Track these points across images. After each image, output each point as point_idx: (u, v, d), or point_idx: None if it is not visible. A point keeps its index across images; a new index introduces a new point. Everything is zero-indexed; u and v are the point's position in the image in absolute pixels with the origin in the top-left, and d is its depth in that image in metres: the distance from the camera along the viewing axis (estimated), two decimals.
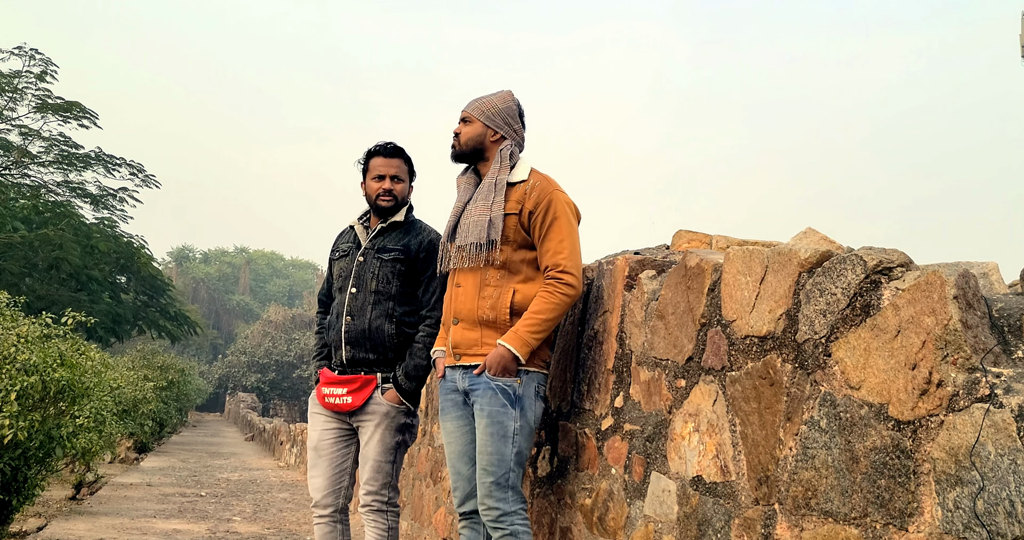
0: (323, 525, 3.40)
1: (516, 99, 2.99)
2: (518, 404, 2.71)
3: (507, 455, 2.69)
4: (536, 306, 2.72)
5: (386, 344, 3.33)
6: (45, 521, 6.98)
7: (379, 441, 3.30)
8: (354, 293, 3.38)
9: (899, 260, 1.66)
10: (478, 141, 2.93)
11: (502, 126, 2.92)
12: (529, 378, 2.75)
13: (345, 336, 3.35)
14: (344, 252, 3.51)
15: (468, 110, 2.96)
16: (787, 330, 1.89)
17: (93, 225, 21.06)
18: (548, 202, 2.77)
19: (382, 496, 3.30)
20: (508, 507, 2.68)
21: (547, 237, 2.76)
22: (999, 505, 1.33)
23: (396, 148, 3.47)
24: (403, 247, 3.39)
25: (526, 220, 2.79)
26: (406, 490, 5.46)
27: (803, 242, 2.76)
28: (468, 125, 2.95)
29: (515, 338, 2.69)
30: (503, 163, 2.88)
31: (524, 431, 2.73)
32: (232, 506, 8.53)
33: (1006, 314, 1.53)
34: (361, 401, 3.32)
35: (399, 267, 3.37)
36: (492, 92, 3.00)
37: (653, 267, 2.69)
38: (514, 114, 2.95)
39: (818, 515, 1.72)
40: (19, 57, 20.30)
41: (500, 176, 2.85)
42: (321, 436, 3.43)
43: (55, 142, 21.29)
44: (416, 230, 3.47)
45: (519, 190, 2.83)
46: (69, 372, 5.80)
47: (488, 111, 2.93)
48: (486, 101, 2.95)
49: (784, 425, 1.86)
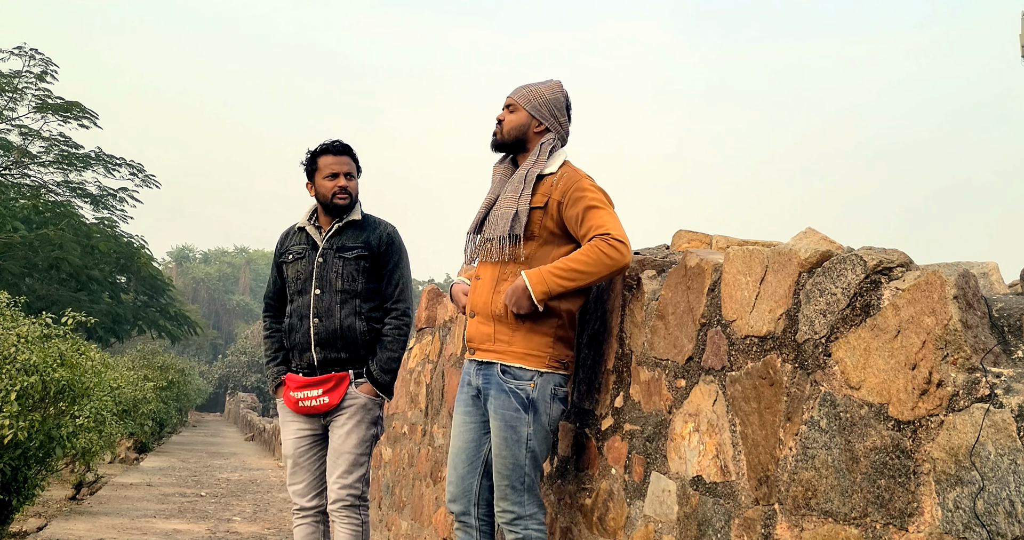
0: (306, 525, 3.40)
1: (565, 90, 2.84)
2: (531, 408, 2.63)
3: (521, 459, 2.64)
4: (572, 254, 2.57)
5: (358, 342, 3.33)
6: (45, 521, 6.99)
7: (356, 434, 3.29)
8: (319, 294, 3.34)
9: (899, 260, 1.66)
10: (521, 131, 2.79)
11: (547, 117, 2.78)
12: (544, 380, 2.65)
13: (315, 338, 3.32)
14: (299, 254, 3.45)
15: (514, 97, 2.81)
16: (787, 330, 1.89)
17: (93, 225, 21.06)
18: (576, 189, 2.64)
19: (356, 490, 3.29)
20: (523, 510, 2.64)
21: (587, 216, 2.60)
22: (999, 505, 1.33)
23: (344, 145, 3.43)
24: (364, 244, 3.37)
25: (555, 213, 2.66)
26: (406, 490, 5.46)
27: (803, 242, 2.76)
28: (513, 113, 2.80)
29: (536, 274, 2.56)
30: (540, 156, 2.75)
31: (538, 435, 2.65)
32: (232, 506, 8.53)
33: (1006, 314, 1.53)
34: (338, 399, 3.30)
35: (363, 264, 3.35)
36: (540, 80, 2.86)
37: (653, 267, 2.69)
38: (561, 106, 2.81)
39: (818, 515, 1.72)
40: (19, 57, 20.32)
41: (533, 169, 2.73)
42: (297, 445, 3.40)
43: (55, 142, 21.30)
44: (372, 225, 3.45)
45: (547, 183, 2.71)
46: (69, 372, 5.81)
47: (535, 100, 2.78)
48: (533, 89, 2.80)
49: (784, 425, 1.86)
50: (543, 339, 2.66)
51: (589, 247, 2.54)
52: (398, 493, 5.69)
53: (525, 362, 2.65)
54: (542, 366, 2.65)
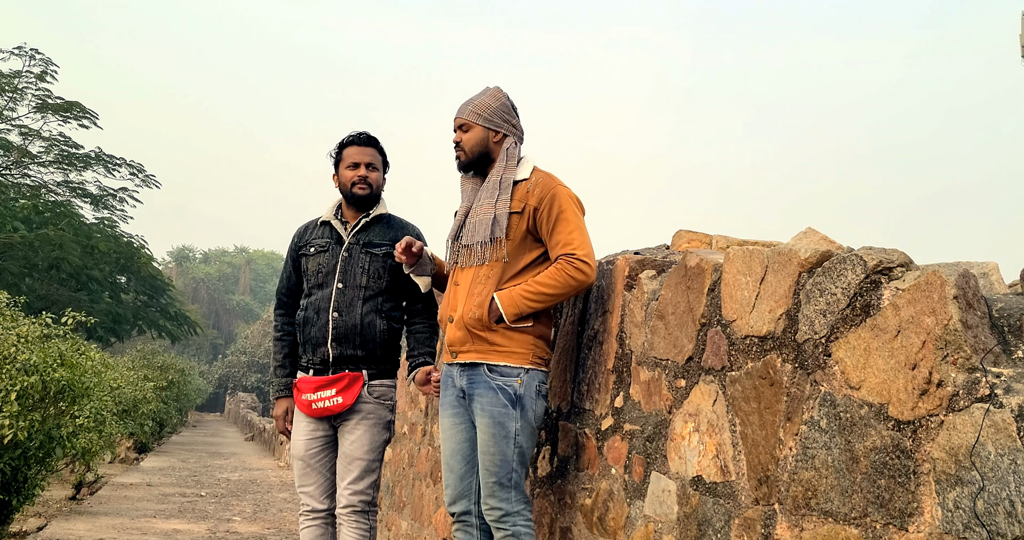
0: (315, 527, 3.34)
1: (505, 93, 2.92)
2: (519, 404, 2.68)
3: (509, 455, 2.67)
4: (540, 277, 2.68)
5: (376, 340, 3.27)
6: (45, 521, 6.99)
7: (368, 440, 3.25)
8: (341, 288, 3.29)
9: (899, 260, 1.66)
10: (482, 145, 2.86)
11: (501, 124, 2.86)
12: (530, 377, 2.72)
13: (333, 332, 3.26)
14: (322, 247, 3.39)
15: (464, 117, 2.87)
16: (787, 330, 1.89)
17: (93, 225, 21.07)
18: (552, 197, 2.73)
19: (367, 496, 3.25)
20: (511, 507, 2.66)
21: (555, 230, 2.71)
22: (999, 505, 1.33)
23: (370, 137, 3.40)
24: (391, 241, 3.33)
25: (530, 218, 2.74)
26: (406, 490, 5.46)
27: (803, 242, 2.76)
28: (468, 131, 2.86)
29: (507, 297, 2.67)
30: (508, 161, 2.82)
31: (526, 431, 2.70)
32: (232, 506, 8.53)
33: (1006, 314, 1.53)
34: (352, 399, 3.24)
35: (390, 262, 3.32)
36: (479, 92, 2.92)
37: (653, 267, 2.69)
38: (509, 109, 2.89)
39: (818, 515, 1.72)
40: (19, 57, 20.33)
41: (506, 174, 2.80)
42: (308, 446, 3.34)
43: (55, 142, 21.31)
44: (399, 225, 3.43)
45: (521, 189, 2.79)
46: (69, 372, 5.81)
47: (484, 113, 2.85)
48: (479, 103, 2.87)
49: (784, 425, 1.86)
50: (524, 337, 2.73)
51: (555, 270, 2.66)
52: (398, 493, 5.69)
53: (510, 360, 2.70)
54: (526, 363, 2.71)
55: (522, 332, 2.72)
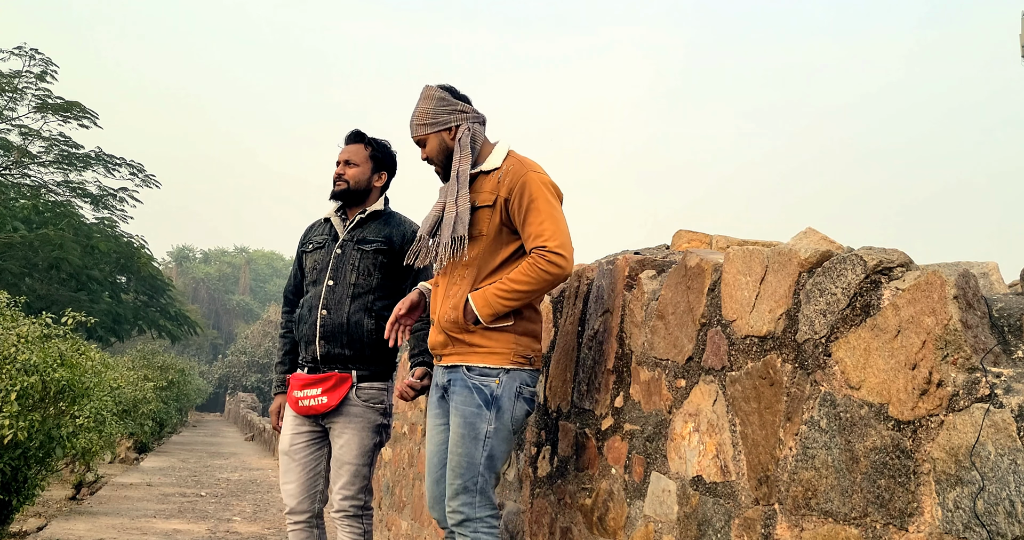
0: (299, 532, 3.30)
1: (437, 86, 2.77)
2: (494, 405, 2.57)
3: (477, 458, 2.56)
4: (514, 274, 2.54)
5: (364, 339, 3.23)
6: (45, 521, 6.99)
7: (357, 444, 3.21)
8: (331, 286, 3.26)
9: (899, 260, 1.66)
10: (443, 149, 2.75)
11: (448, 119, 2.72)
12: (510, 377, 2.59)
13: (320, 330, 3.23)
14: (319, 244, 3.40)
15: (416, 134, 2.78)
16: (787, 330, 1.89)
17: (93, 225, 21.08)
18: (522, 185, 2.58)
19: (359, 500, 3.22)
20: (474, 513, 2.56)
21: (527, 221, 2.56)
22: (999, 505, 1.33)
23: (354, 135, 3.39)
24: (385, 238, 3.30)
25: (503, 211, 2.60)
26: (406, 490, 5.46)
27: (803, 242, 2.76)
28: (427, 145, 2.77)
29: (481, 297, 2.55)
30: (463, 152, 2.68)
31: (499, 434, 2.58)
32: (232, 506, 8.54)
33: (1006, 314, 1.53)
34: (337, 401, 3.20)
35: (381, 259, 3.28)
36: (415, 102, 2.81)
37: (653, 267, 2.69)
38: (448, 99, 2.74)
39: (818, 515, 1.72)
40: (19, 57, 20.33)
41: (462, 166, 2.66)
42: (292, 440, 3.31)
43: (55, 142, 21.31)
44: (396, 221, 3.40)
45: (492, 179, 2.64)
46: (69, 372, 5.81)
47: (427, 119, 2.74)
48: (419, 113, 2.76)
49: (784, 425, 1.86)
50: (505, 336, 2.61)
51: (527, 265, 2.53)
52: (398, 493, 5.69)
53: (489, 360, 2.60)
54: (506, 362, 2.59)
55: (503, 331, 2.61)
